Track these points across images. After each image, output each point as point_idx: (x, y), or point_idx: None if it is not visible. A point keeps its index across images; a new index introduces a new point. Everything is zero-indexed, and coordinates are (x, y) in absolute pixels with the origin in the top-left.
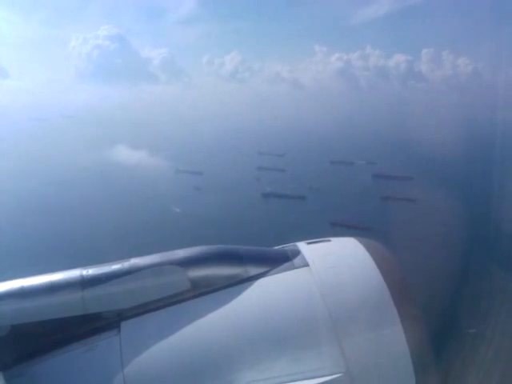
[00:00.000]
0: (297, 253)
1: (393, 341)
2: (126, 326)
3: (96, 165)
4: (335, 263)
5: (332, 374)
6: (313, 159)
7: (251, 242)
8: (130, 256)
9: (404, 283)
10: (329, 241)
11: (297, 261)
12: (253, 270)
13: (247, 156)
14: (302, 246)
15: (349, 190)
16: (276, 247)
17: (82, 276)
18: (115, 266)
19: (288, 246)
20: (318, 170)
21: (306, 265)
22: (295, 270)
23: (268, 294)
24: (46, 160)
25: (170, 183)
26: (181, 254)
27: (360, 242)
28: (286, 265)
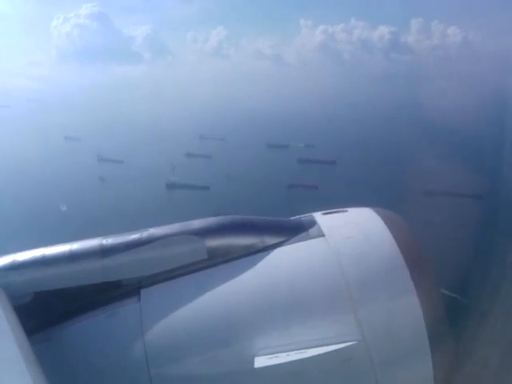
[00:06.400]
0: (313, 223)
1: (408, 310)
2: (145, 293)
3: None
4: (351, 233)
5: (348, 342)
6: (252, 142)
7: None
8: None
9: (419, 253)
10: (345, 211)
11: (313, 231)
12: (269, 240)
13: (186, 140)
14: (317, 216)
15: (263, 177)
16: (292, 217)
17: (102, 245)
18: (134, 236)
19: (304, 217)
20: (248, 155)
21: (322, 235)
22: (311, 240)
23: (284, 263)
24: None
25: (82, 174)
26: (198, 224)
27: (376, 212)
28: (302, 235)
